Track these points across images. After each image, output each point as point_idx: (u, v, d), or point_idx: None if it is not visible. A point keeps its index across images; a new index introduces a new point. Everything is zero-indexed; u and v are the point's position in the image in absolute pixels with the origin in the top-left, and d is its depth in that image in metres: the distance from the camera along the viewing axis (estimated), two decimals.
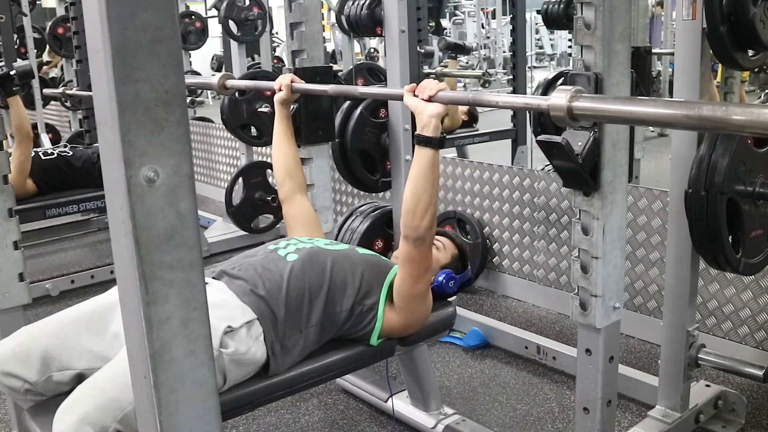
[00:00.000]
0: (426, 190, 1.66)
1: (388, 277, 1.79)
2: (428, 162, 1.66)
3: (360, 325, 1.75)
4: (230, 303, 1.61)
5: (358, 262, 1.79)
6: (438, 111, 1.65)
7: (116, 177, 0.73)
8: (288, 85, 2.13)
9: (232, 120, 3.96)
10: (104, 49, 0.70)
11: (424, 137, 1.66)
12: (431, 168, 1.66)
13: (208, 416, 0.82)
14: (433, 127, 1.65)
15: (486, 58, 12.18)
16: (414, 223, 1.67)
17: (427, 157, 1.66)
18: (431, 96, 1.65)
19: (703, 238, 1.91)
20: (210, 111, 8.18)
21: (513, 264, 3.38)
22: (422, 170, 1.66)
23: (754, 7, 1.84)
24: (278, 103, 2.17)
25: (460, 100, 1.66)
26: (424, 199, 1.66)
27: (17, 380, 1.55)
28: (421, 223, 1.67)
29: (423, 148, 1.66)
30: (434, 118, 1.65)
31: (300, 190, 2.14)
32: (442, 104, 1.65)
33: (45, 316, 1.68)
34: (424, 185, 1.66)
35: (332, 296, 1.71)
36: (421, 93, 1.67)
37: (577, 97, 1.22)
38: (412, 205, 1.67)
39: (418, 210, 1.66)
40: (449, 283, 1.96)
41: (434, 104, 1.65)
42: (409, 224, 1.68)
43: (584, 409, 1.80)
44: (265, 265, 1.73)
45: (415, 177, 1.67)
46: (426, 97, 1.66)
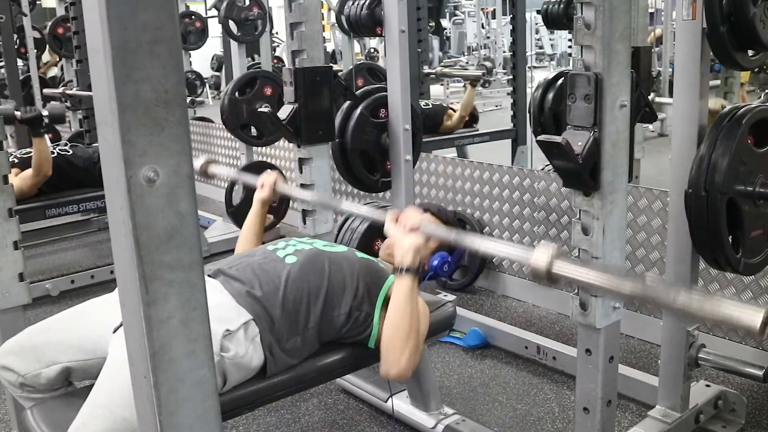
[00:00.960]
0: (403, 320, 1.62)
1: (385, 285, 1.77)
2: (406, 292, 1.63)
3: (357, 330, 1.74)
4: (226, 304, 1.61)
5: (356, 266, 1.78)
6: (417, 244, 1.63)
7: (116, 177, 0.73)
8: (271, 186, 2.09)
9: (232, 120, 3.96)
10: (104, 49, 0.70)
11: (403, 267, 1.64)
12: (409, 297, 1.63)
13: (208, 416, 0.82)
14: (410, 258, 1.63)
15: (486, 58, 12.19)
16: (394, 357, 1.62)
17: (404, 288, 1.64)
18: (413, 227, 1.64)
19: (703, 238, 1.91)
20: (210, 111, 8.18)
21: (513, 264, 3.38)
22: (400, 301, 1.64)
23: (754, 7, 1.84)
24: (257, 201, 2.12)
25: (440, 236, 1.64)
26: (402, 330, 1.62)
27: (12, 373, 1.62)
28: (400, 357, 1.61)
29: (401, 277, 1.64)
30: (413, 249, 1.63)
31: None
32: (421, 236, 1.63)
33: (45, 316, 1.72)
34: (401, 315, 1.63)
35: (330, 299, 1.70)
36: (403, 222, 1.66)
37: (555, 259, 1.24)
38: (391, 338, 1.63)
39: (397, 342, 1.62)
40: (443, 266, 1.93)
41: (413, 236, 1.63)
42: (389, 359, 1.63)
43: (584, 409, 1.80)
44: (263, 266, 1.72)
45: (393, 308, 1.65)
46: (408, 227, 1.64)
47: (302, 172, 2.36)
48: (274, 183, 2.10)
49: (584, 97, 1.59)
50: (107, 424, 1.39)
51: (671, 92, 2.18)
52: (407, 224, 1.65)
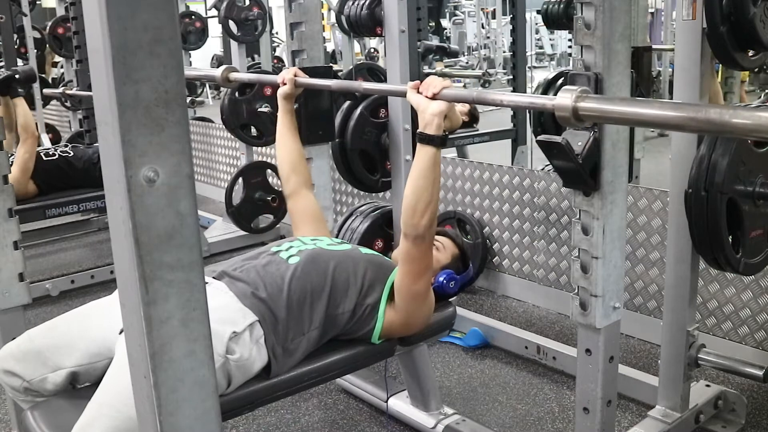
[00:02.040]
0: (426, 188, 1.65)
1: (391, 276, 1.78)
2: (430, 160, 1.65)
3: (361, 324, 1.75)
4: (231, 306, 1.61)
5: (361, 262, 1.79)
6: (441, 109, 1.62)
7: (116, 177, 0.73)
8: (292, 79, 2.10)
9: (232, 120, 3.96)
10: (104, 49, 0.70)
11: (427, 135, 1.64)
12: (432, 166, 1.65)
13: (208, 416, 0.82)
14: (435, 125, 1.63)
15: (486, 58, 12.18)
16: (414, 221, 1.66)
17: (428, 156, 1.65)
18: (435, 94, 1.62)
19: (703, 238, 1.91)
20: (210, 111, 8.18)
21: (513, 264, 3.38)
22: (423, 168, 1.65)
23: (754, 7, 1.84)
24: (281, 98, 2.14)
25: (464, 97, 1.63)
26: (424, 198, 1.65)
27: (16, 378, 1.60)
28: (420, 221, 1.66)
29: (425, 146, 1.65)
30: (437, 117, 1.62)
31: (305, 185, 2.13)
32: (445, 102, 1.63)
33: (45, 316, 1.71)
34: (424, 183, 1.65)
35: (334, 297, 1.71)
36: (425, 90, 1.65)
37: (582, 97, 1.22)
38: (413, 203, 1.66)
39: (418, 208, 1.65)
40: (450, 283, 1.95)
41: (437, 102, 1.62)
42: (408, 222, 1.67)
43: (584, 409, 1.80)
44: (267, 267, 1.72)
45: (416, 175, 1.66)
46: (430, 94, 1.63)
47: None
48: (293, 76, 2.11)
49: None
50: (114, 423, 1.39)
51: (671, 92, 2.18)
52: (428, 92, 1.64)
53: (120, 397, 1.39)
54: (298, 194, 2.10)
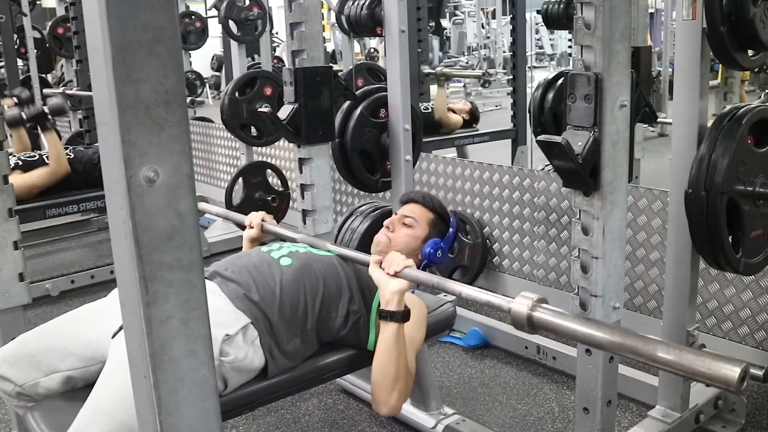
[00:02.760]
0: (391, 364, 1.63)
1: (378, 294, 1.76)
2: (392, 336, 1.63)
3: (356, 333, 1.75)
4: (224, 309, 1.61)
5: (351, 271, 1.79)
6: (401, 288, 1.63)
7: (116, 177, 0.73)
8: (259, 224, 2.12)
9: (232, 120, 3.96)
10: (104, 49, 0.70)
11: (387, 312, 1.63)
12: (396, 342, 1.63)
13: (208, 416, 0.82)
14: (396, 302, 1.63)
15: (486, 58, 12.18)
16: (382, 398, 1.64)
17: (390, 332, 1.63)
18: (396, 272, 1.63)
19: (703, 238, 1.91)
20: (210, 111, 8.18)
21: (513, 264, 3.38)
22: (387, 345, 1.64)
23: (754, 7, 1.84)
24: (246, 240, 2.15)
25: (424, 281, 1.63)
26: (390, 373, 1.63)
27: (8, 383, 1.59)
28: (389, 398, 1.64)
29: (387, 322, 1.64)
30: (396, 294, 1.63)
31: None
32: (405, 281, 1.63)
33: (45, 316, 1.71)
34: (388, 359, 1.63)
35: (327, 302, 1.71)
36: (387, 267, 1.65)
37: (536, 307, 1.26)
38: (380, 381, 1.65)
39: (385, 385, 1.64)
40: (437, 253, 1.90)
41: (398, 280, 1.63)
42: (378, 399, 1.66)
43: (584, 409, 1.80)
44: (259, 268, 1.72)
45: (380, 352, 1.65)
46: (391, 272, 1.63)
47: (302, 172, 2.37)
48: (261, 222, 2.11)
49: (584, 97, 1.59)
50: (107, 428, 1.38)
51: (671, 92, 2.18)
52: (390, 270, 1.64)
53: (113, 401, 1.39)
54: None
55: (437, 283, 1.56)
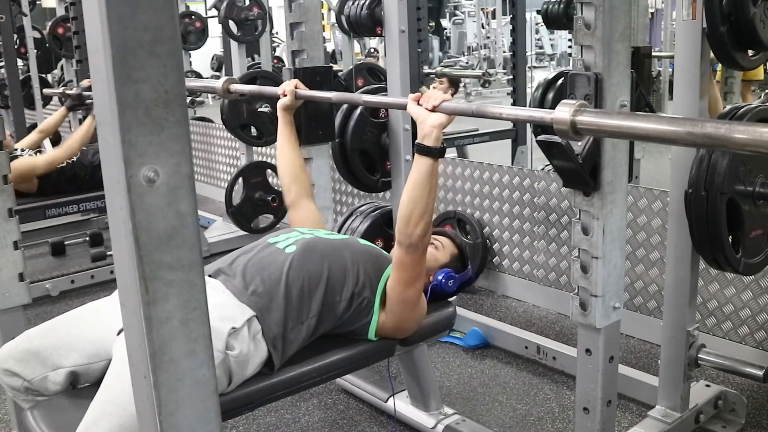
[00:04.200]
0: (422, 198, 1.65)
1: (385, 274, 1.79)
2: (427, 171, 1.65)
3: (358, 317, 1.75)
4: (229, 303, 1.62)
5: (358, 252, 1.80)
6: (440, 121, 1.64)
7: (116, 177, 0.73)
8: (292, 91, 2.12)
9: (232, 120, 3.96)
10: (104, 49, 0.70)
11: (425, 147, 1.65)
12: (429, 177, 1.65)
13: (208, 416, 0.82)
14: (434, 137, 1.64)
15: (486, 58, 12.19)
16: (408, 230, 1.67)
17: (426, 167, 1.65)
18: (435, 106, 1.64)
19: (703, 238, 1.91)
20: (210, 111, 8.18)
21: (513, 264, 3.38)
22: (420, 179, 1.66)
23: (754, 7, 1.84)
24: (281, 110, 2.15)
25: (463, 111, 1.64)
26: (419, 207, 1.65)
27: (17, 378, 1.60)
28: (414, 230, 1.66)
29: (422, 157, 1.65)
30: (436, 129, 1.64)
31: (307, 195, 2.14)
32: (445, 115, 1.64)
33: (45, 316, 1.71)
34: (420, 193, 1.65)
35: (332, 285, 1.72)
36: (425, 102, 1.66)
37: (580, 111, 1.22)
38: (408, 212, 1.66)
39: (413, 217, 1.66)
40: (448, 282, 1.95)
41: (437, 114, 1.64)
42: (403, 230, 1.68)
43: (584, 409, 1.80)
44: (264, 260, 1.73)
45: (413, 185, 1.67)
46: (430, 106, 1.65)
47: None
48: (294, 88, 2.12)
49: (584, 97, 1.59)
50: (119, 421, 1.39)
51: (671, 92, 2.18)
52: (428, 104, 1.65)
53: (124, 394, 1.38)
54: (299, 204, 2.12)
55: (476, 110, 1.58)
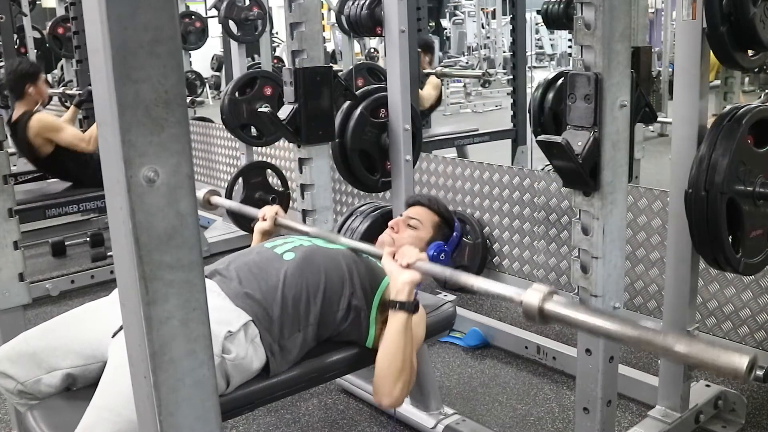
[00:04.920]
0: (397, 355, 1.63)
1: (380, 288, 1.77)
2: (401, 326, 1.64)
3: (355, 328, 1.74)
4: (225, 307, 1.61)
5: (353, 264, 1.78)
6: (413, 279, 1.63)
7: (116, 177, 0.73)
8: (272, 217, 2.09)
9: (232, 120, 3.96)
10: (104, 49, 0.70)
11: (398, 302, 1.64)
12: (404, 332, 1.64)
13: (208, 416, 0.82)
14: (406, 293, 1.63)
15: (486, 58, 12.18)
16: (386, 389, 1.64)
17: (400, 322, 1.64)
18: (409, 264, 1.63)
19: (703, 238, 1.91)
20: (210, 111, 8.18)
21: (513, 264, 3.38)
22: (394, 335, 1.64)
23: (754, 7, 1.84)
24: (258, 232, 2.13)
25: (437, 274, 1.64)
26: (395, 364, 1.63)
27: (10, 380, 1.59)
28: (393, 389, 1.63)
29: (396, 312, 1.64)
30: (407, 285, 1.63)
31: None
32: (417, 273, 1.63)
33: (45, 316, 1.71)
34: (395, 349, 1.63)
35: (329, 296, 1.71)
36: (400, 259, 1.65)
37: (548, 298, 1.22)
38: (385, 370, 1.64)
39: (390, 375, 1.63)
40: (440, 255, 1.90)
41: (409, 272, 1.63)
42: (381, 390, 1.65)
43: (584, 409, 1.80)
44: (261, 265, 1.72)
45: (387, 341, 1.65)
46: (404, 264, 1.63)
47: (302, 172, 2.36)
48: (275, 215, 2.09)
49: (584, 97, 1.59)
50: (114, 427, 1.38)
51: (671, 92, 2.18)
52: (403, 261, 1.64)
53: (120, 399, 1.38)
54: None
55: (450, 276, 1.55)
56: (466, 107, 10.48)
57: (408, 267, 1.63)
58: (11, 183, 1.98)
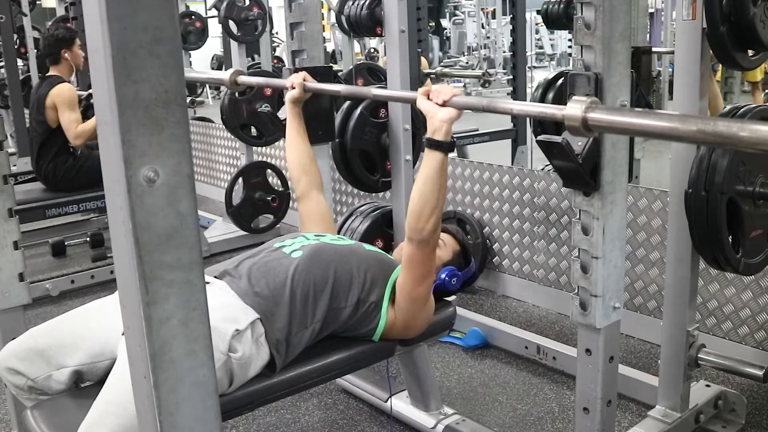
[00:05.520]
0: (433, 193, 1.65)
1: (392, 275, 1.79)
2: (437, 166, 1.65)
3: (364, 322, 1.75)
4: (234, 305, 1.61)
5: (364, 258, 1.80)
6: (450, 116, 1.63)
7: (116, 177, 0.73)
8: (300, 84, 2.12)
9: (232, 120, 3.96)
10: (104, 49, 0.70)
11: (435, 141, 1.64)
12: (440, 171, 1.65)
13: (208, 416, 0.82)
14: (444, 131, 1.64)
15: (486, 58, 12.18)
16: (419, 226, 1.67)
17: (436, 161, 1.65)
18: (445, 101, 1.63)
19: (703, 238, 1.91)
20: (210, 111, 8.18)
21: (513, 264, 3.38)
22: (431, 173, 1.65)
23: (754, 7, 1.84)
24: (289, 101, 2.16)
25: (474, 105, 1.63)
26: (430, 202, 1.65)
27: (20, 377, 1.59)
28: (425, 225, 1.66)
29: (433, 151, 1.65)
30: (446, 123, 1.63)
31: (316, 187, 2.14)
32: (455, 109, 1.63)
33: (45, 316, 1.71)
34: (431, 188, 1.65)
35: (337, 292, 1.71)
36: (435, 97, 1.65)
37: (592, 108, 1.22)
38: (418, 208, 1.66)
39: (424, 213, 1.66)
40: (452, 280, 1.95)
41: (447, 109, 1.63)
42: (413, 226, 1.68)
43: (584, 409, 1.80)
44: (269, 264, 1.73)
45: (423, 180, 1.67)
46: (440, 101, 1.64)
47: None
48: (302, 80, 2.12)
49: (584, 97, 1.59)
50: (121, 421, 1.39)
51: (671, 92, 2.18)
52: (438, 99, 1.64)
53: (127, 395, 1.38)
54: (308, 196, 2.12)
55: (487, 104, 1.56)
56: None
57: (444, 104, 1.64)
58: (11, 183, 1.98)
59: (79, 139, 3.73)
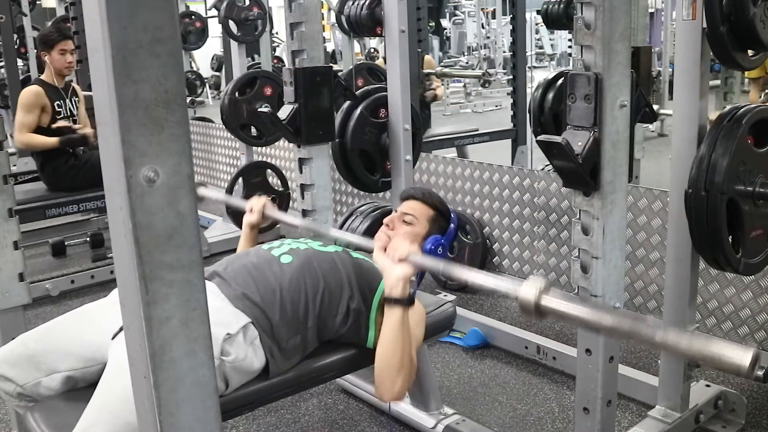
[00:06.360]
0: (395, 351, 1.61)
1: (378, 290, 1.75)
2: (397, 322, 1.62)
3: (355, 330, 1.74)
4: (224, 309, 1.60)
5: (350, 268, 1.78)
6: (406, 273, 1.60)
7: (116, 177, 0.73)
8: (260, 210, 2.07)
9: (232, 120, 3.96)
10: (104, 49, 0.70)
11: (392, 298, 1.62)
12: (400, 328, 1.62)
13: (208, 416, 0.82)
14: (400, 288, 1.60)
15: (486, 58, 12.18)
16: (387, 385, 1.63)
17: (396, 318, 1.62)
18: (401, 258, 1.60)
19: (703, 238, 1.91)
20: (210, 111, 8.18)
21: (513, 264, 3.38)
22: (391, 331, 1.62)
23: (754, 7, 1.84)
24: (246, 225, 2.11)
25: (430, 267, 1.61)
26: (394, 361, 1.61)
27: (9, 383, 1.58)
28: (393, 386, 1.61)
29: (392, 308, 1.62)
30: (402, 281, 1.60)
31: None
32: (410, 267, 1.60)
33: (45, 316, 1.71)
34: (393, 346, 1.62)
35: (328, 300, 1.70)
36: (392, 253, 1.62)
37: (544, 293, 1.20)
38: (385, 368, 1.63)
39: (390, 372, 1.61)
40: (438, 249, 1.86)
41: (402, 266, 1.60)
42: (382, 387, 1.63)
43: (584, 409, 1.80)
44: (259, 267, 1.72)
45: (385, 339, 1.64)
46: (396, 258, 1.60)
47: (302, 172, 2.36)
48: (262, 207, 2.07)
49: (584, 97, 1.59)
50: (111, 429, 1.38)
51: (671, 92, 2.18)
52: (395, 255, 1.61)
53: (118, 402, 1.38)
54: None
55: (443, 269, 1.53)
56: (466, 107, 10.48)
57: (401, 261, 1.61)
58: (11, 183, 1.98)
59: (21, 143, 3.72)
